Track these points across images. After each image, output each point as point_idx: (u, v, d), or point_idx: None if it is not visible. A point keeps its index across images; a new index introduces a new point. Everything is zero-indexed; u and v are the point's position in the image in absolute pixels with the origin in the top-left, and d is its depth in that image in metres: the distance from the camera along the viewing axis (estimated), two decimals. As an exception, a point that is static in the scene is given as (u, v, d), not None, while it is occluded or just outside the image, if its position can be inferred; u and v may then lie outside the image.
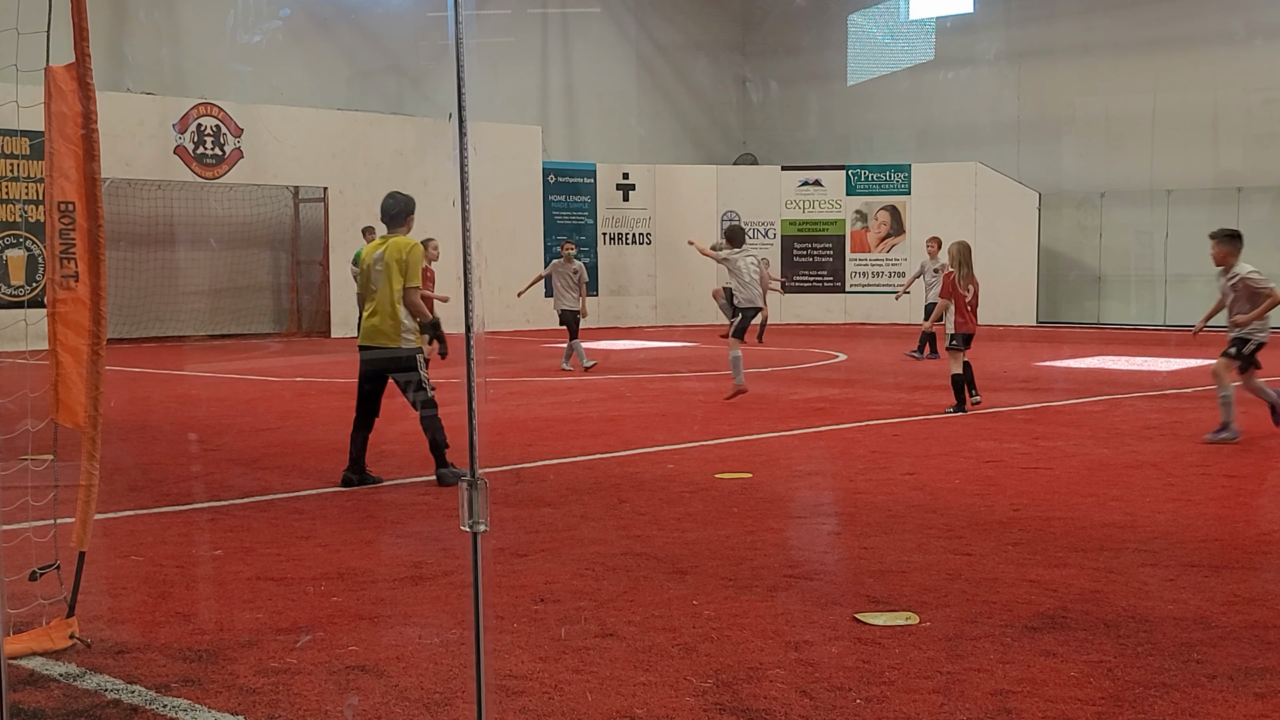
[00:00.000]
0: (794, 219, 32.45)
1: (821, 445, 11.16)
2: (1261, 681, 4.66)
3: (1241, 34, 29.31)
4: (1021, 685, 4.65)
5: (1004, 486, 8.88)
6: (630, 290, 31.92)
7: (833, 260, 32.50)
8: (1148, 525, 7.49)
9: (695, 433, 11.77)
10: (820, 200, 32.38)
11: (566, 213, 30.93)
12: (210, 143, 25.11)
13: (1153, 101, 30.38)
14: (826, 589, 6.12)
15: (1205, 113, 29.77)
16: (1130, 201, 30.94)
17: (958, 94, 33.14)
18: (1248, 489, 8.87)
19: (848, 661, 4.95)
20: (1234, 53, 29.46)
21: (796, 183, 32.44)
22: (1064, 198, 31.58)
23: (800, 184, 32.39)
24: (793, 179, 32.54)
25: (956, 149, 32.45)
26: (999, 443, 11.06)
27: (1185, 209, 30.06)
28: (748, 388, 14.29)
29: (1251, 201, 29.32)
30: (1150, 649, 5.06)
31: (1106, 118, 31.09)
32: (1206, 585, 6.07)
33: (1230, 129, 29.55)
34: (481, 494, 3.65)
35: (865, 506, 8.19)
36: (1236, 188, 29.29)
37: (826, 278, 32.54)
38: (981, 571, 6.38)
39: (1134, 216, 30.82)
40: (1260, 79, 29.00)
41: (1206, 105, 29.73)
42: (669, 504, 8.27)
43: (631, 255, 31.88)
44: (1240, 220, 29.20)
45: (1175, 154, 30.16)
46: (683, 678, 4.79)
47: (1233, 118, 29.46)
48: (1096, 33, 31.13)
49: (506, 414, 13.21)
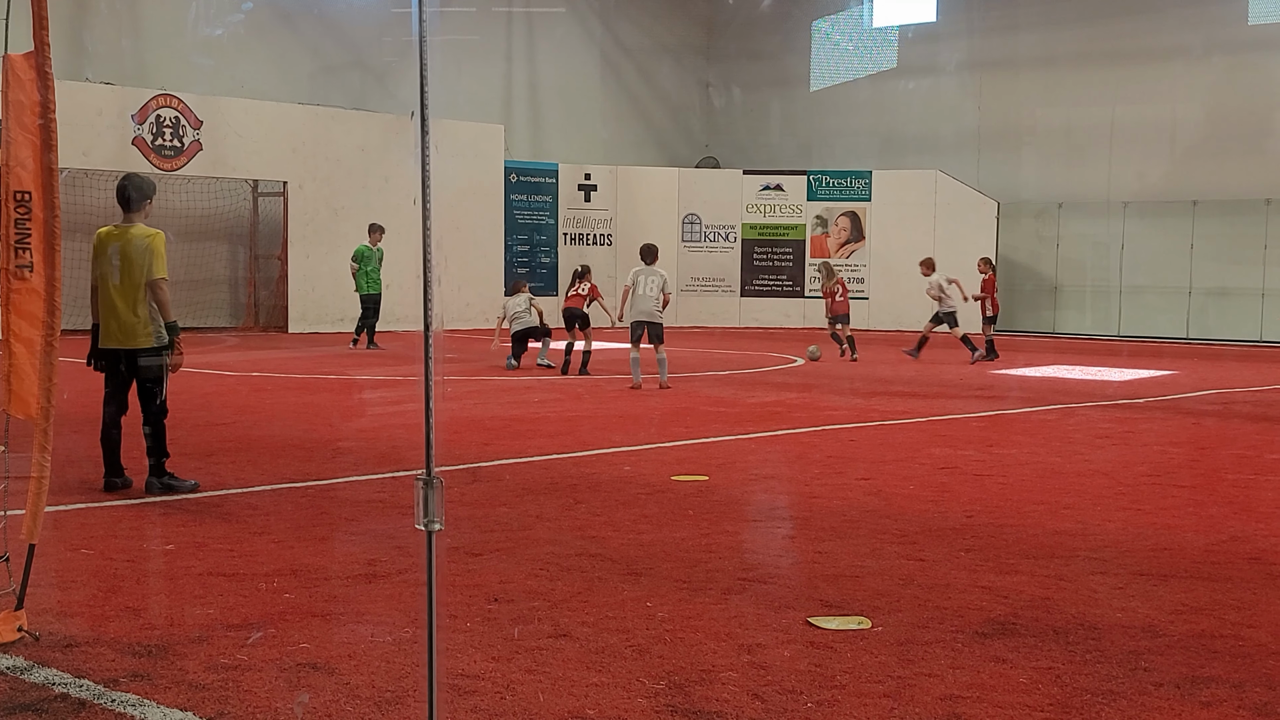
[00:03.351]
0: (755, 223, 32.53)
1: (778, 449, 11.20)
2: (1207, 690, 4.71)
3: (1199, 50, 29.63)
4: (971, 691, 4.69)
5: (958, 493, 8.93)
6: (590, 292, 31.90)
7: (792, 265, 32.60)
8: (1098, 533, 7.56)
9: (652, 434, 11.79)
10: (781, 205, 32.47)
11: (528, 212, 30.90)
12: (169, 134, 24.94)
13: (1111, 114, 30.66)
14: (780, 592, 6.14)
15: (1163, 126, 30.07)
16: (1087, 213, 31.20)
17: (919, 102, 33.34)
18: (1198, 499, 8.96)
19: (800, 665, 4.97)
20: (1191, 67, 29.78)
21: (758, 187, 32.53)
22: (1022, 207, 31.82)
23: (762, 188, 32.48)
24: (754, 183, 32.62)
25: (917, 156, 32.64)
26: (954, 450, 11.12)
27: (1141, 221, 30.36)
28: (641, 385, 15.60)
29: (1206, 215, 29.64)
30: (1098, 656, 5.10)
31: (1066, 129, 31.35)
32: (1155, 594, 6.13)
33: (1187, 143, 29.86)
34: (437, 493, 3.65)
35: (820, 511, 8.22)
36: (1192, 201, 29.59)
37: (786, 282, 32.63)
38: (934, 577, 6.42)
39: (1091, 228, 31.09)
40: (1217, 93, 29.32)
41: (1164, 119, 30.03)
42: (625, 505, 8.28)
43: (592, 256, 31.85)
44: (1195, 234, 29.55)
45: (1132, 166, 30.45)
46: (635, 679, 4.80)
47: (1189, 131, 29.77)
48: (1057, 45, 31.39)
49: (464, 412, 13.19)
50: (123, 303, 8.44)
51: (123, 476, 8.61)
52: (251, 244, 27.81)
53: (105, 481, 8.57)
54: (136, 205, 8.62)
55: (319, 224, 26.90)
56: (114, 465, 8.62)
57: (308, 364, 19.04)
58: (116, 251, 8.45)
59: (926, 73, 33.09)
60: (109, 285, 8.45)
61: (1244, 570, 6.71)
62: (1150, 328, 29.51)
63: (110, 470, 8.61)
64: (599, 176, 32.00)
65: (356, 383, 16.73)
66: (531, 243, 30.97)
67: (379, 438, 11.43)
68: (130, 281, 8.42)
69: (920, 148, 32.98)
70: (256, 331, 26.73)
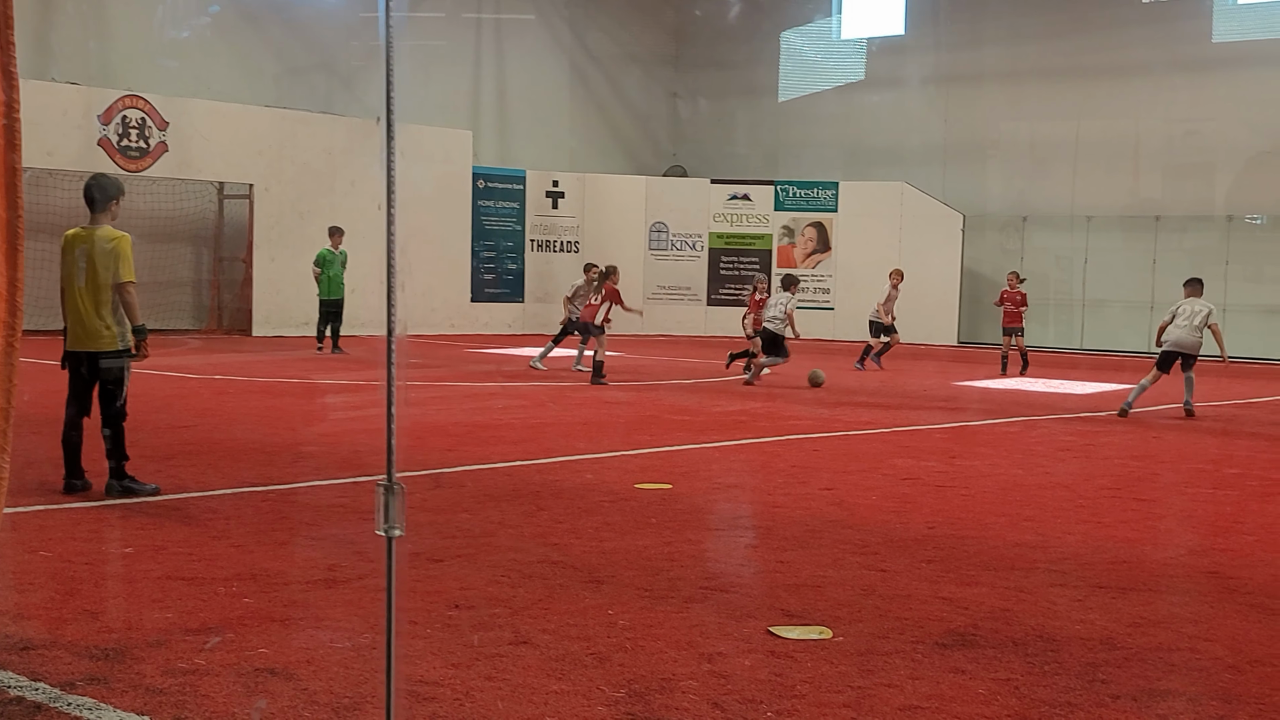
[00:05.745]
0: (722, 232, 32.59)
1: (742, 458, 11.22)
2: (1164, 703, 4.75)
3: (1163, 67, 29.88)
4: (930, 701, 4.70)
5: (920, 504, 8.97)
6: (556, 298, 31.83)
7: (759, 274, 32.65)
8: (1058, 546, 7.60)
9: (616, 442, 11.79)
10: (748, 214, 32.54)
11: (495, 218, 30.86)
12: (135, 135, 24.78)
13: (1076, 129, 30.88)
14: (742, 601, 6.15)
15: (1126, 142, 30.31)
16: (1052, 226, 31.40)
17: (886, 114, 33.47)
18: (1157, 512, 9.03)
19: (760, 674, 4.98)
20: (1156, 84, 30.03)
21: (725, 196, 32.59)
22: (987, 220, 31.99)
23: (729, 198, 32.54)
24: (722, 192, 32.69)
25: (884, 168, 32.77)
26: (916, 461, 11.17)
27: (1105, 235, 30.58)
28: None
29: (1169, 230, 29.88)
30: (1057, 668, 5.13)
31: (1031, 143, 31.55)
32: (1113, 606, 6.17)
33: (1150, 158, 30.10)
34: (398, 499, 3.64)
35: (783, 520, 8.24)
36: (1155, 216, 29.82)
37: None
38: (895, 588, 6.44)
39: (1055, 241, 31.28)
40: (1180, 110, 29.57)
41: (1128, 134, 30.27)
42: (588, 513, 8.27)
43: (559, 263, 31.86)
44: (1158, 248, 29.80)
45: (1096, 181, 30.68)
46: (595, 687, 4.79)
47: (1153, 148, 30.02)
48: (1022, 60, 31.60)
49: (428, 418, 13.15)
50: (86, 305, 8.39)
51: (82, 479, 8.55)
52: (216, 246, 27.65)
53: (65, 484, 8.51)
54: (102, 206, 8.57)
55: (284, 227, 26.77)
56: (74, 467, 8.55)
57: (271, 367, 18.94)
58: (83, 253, 8.41)
59: (894, 85, 33.24)
60: (74, 287, 8.40)
61: (1202, 584, 6.76)
62: (1113, 341, 29.71)
63: (70, 472, 8.54)
64: (567, 184, 31.99)
65: (319, 387, 16.66)
66: (498, 249, 30.91)
67: (341, 442, 11.38)
68: (94, 284, 8.37)
69: (887, 159, 33.11)
70: (220, 334, 26.58)
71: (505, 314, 30.91)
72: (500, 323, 30.61)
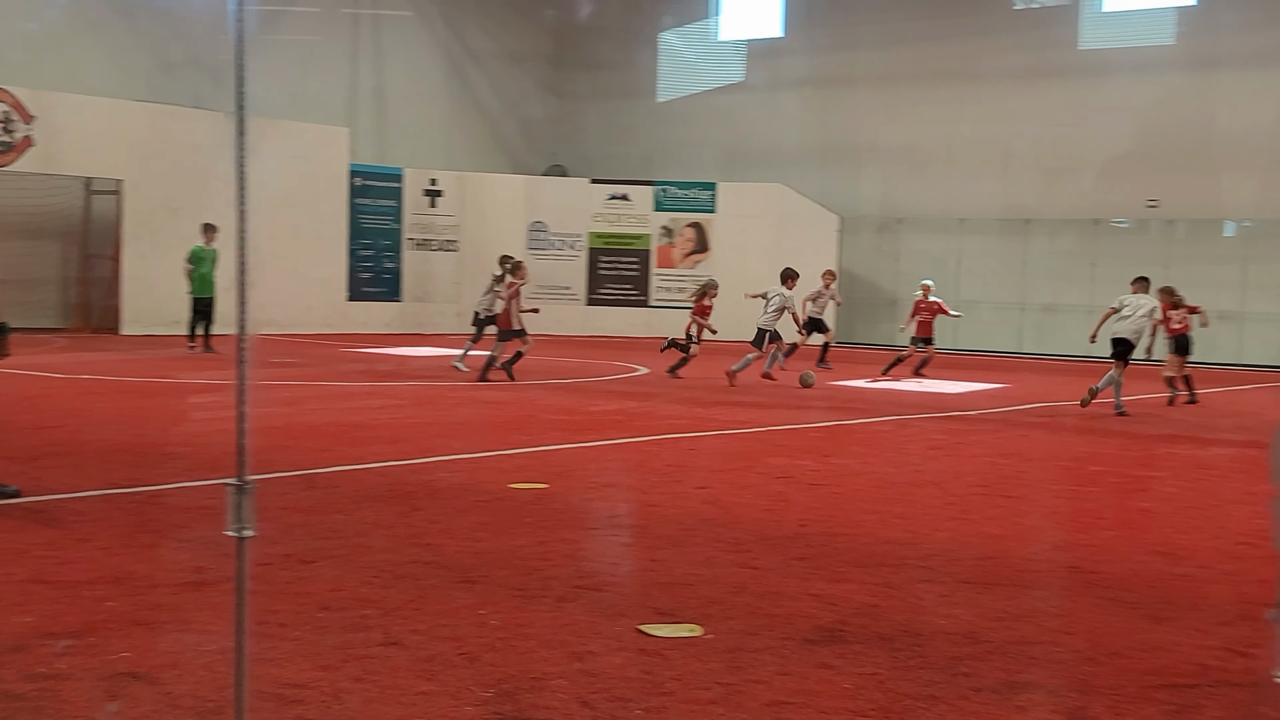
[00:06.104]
0: (601, 232, 32.63)
1: (618, 457, 11.24)
2: (1024, 695, 4.86)
3: (1033, 73, 30.55)
4: (797, 697, 4.76)
5: (793, 502, 9.06)
6: (435, 297, 31.68)
7: (638, 274, 32.76)
8: (927, 542, 7.73)
9: (493, 442, 11.74)
10: (628, 214, 32.62)
11: (372, 216, 30.56)
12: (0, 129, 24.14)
13: (950, 133, 31.43)
14: (614, 600, 6.16)
15: (998, 146, 30.92)
16: (926, 228, 31.94)
17: (765, 116, 33.76)
18: (1023, 509, 9.22)
19: (630, 672, 5.00)
20: (1026, 89, 30.68)
21: (605, 196, 32.64)
22: (863, 222, 32.43)
23: (609, 197, 32.59)
24: (601, 192, 32.72)
25: (762, 170, 33.06)
26: (791, 459, 11.28)
27: (978, 238, 31.18)
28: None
29: (1039, 233, 30.56)
30: (921, 662, 5.22)
31: (906, 146, 32.03)
32: (978, 601, 6.29)
33: (1021, 163, 30.74)
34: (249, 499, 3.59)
35: (657, 519, 8.27)
36: (1025, 219, 30.46)
37: (631, 291, 32.78)
38: (766, 585, 6.50)
39: (929, 243, 31.81)
40: (1050, 115, 30.24)
41: (999, 139, 30.89)
42: (462, 513, 8.23)
43: (437, 262, 31.66)
44: (1028, 251, 30.45)
45: (969, 184, 31.25)
46: (464, 687, 4.77)
47: (1023, 152, 30.66)
48: (898, 64, 32.09)
49: (302, 418, 12.99)
50: None
51: None
52: (83, 243, 27.03)
53: None
54: None
55: (155, 223, 26.24)
56: None
57: (140, 367, 18.57)
58: None
59: (772, 87, 33.54)
60: None
61: (1063, 578, 6.93)
62: (985, 342, 30.28)
63: None
64: (445, 182, 31.80)
65: (189, 386, 16.37)
66: (376, 248, 30.62)
67: (210, 443, 11.18)
68: None
69: (765, 161, 33.40)
70: (87, 333, 25.96)
71: (383, 313, 30.63)
72: (378, 322, 30.32)
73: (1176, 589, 6.70)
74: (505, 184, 32.82)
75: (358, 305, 30.20)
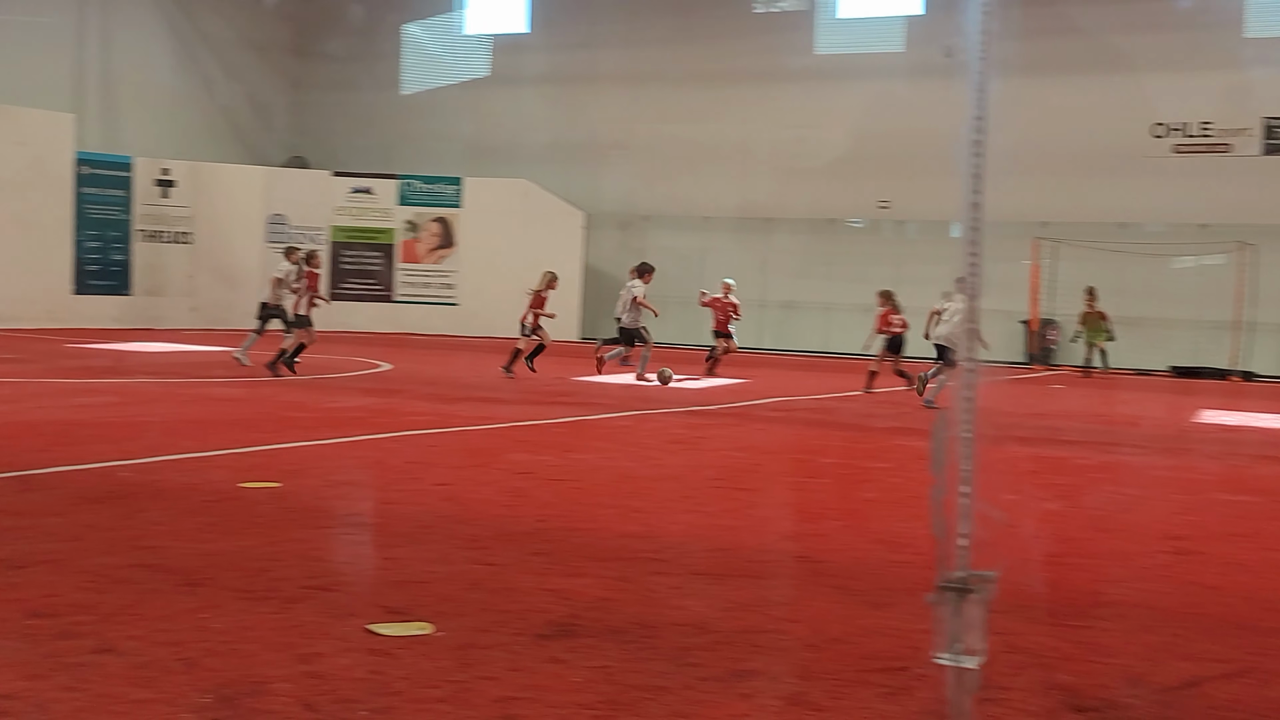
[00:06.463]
0: (344, 226, 32.10)
1: (356, 455, 11.05)
2: (747, 683, 4.95)
3: (772, 75, 31.33)
4: (526, 692, 4.74)
5: (533, 497, 9.06)
6: (167, 291, 30.61)
7: (382, 269, 32.34)
8: (663, 535, 7.83)
9: (225, 440, 11.40)
10: (371, 208, 32.16)
11: (100, 206, 29.33)
12: None
13: (692, 132, 31.98)
14: (345, 600, 6.04)
15: (739, 146, 31.61)
16: (671, 226, 32.43)
17: (510, 111, 33.74)
18: (756, 501, 9.43)
19: (357, 673, 4.90)
20: (765, 91, 31.45)
21: (348, 189, 32.10)
22: (609, 219, 32.73)
23: (351, 190, 32.07)
24: (344, 185, 32.18)
25: (508, 165, 33.03)
26: (533, 455, 11.29)
27: (721, 236, 31.81)
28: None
29: (779, 231, 31.36)
30: (651, 654, 5.27)
31: (650, 144, 32.46)
32: (709, 592, 6.39)
33: (761, 163, 31.49)
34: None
35: (394, 517, 8.16)
36: (766, 218, 31.22)
37: (375, 287, 32.33)
38: (501, 581, 6.47)
39: (674, 240, 32.31)
40: (788, 117, 31.07)
41: (740, 139, 31.58)
42: (189, 514, 7.96)
43: (170, 254, 30.59)
44: (769, 249, 31.22)
45: (712, 183, 31.87)
46: (182, 693, 4.60)
47: (763, 152, 31.42)
48: (643, 63, 32.50)
49: (19, 416, 12.38)
50: None
51: None
52: None
53: None
54: None
55: None
56: None
57: None
58: None
59: (518, 82, 33.54)
60: None
61: (791, 568, 7.10)
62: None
63: None
64: (178, 172, 30.75)
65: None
66: (104, 239, 29.41)
67: (-81, 444, 10.56)
68: None
69: (511, 156, 33.38)
70: None
71: (111, 307, 29.44)
72: (106, 316, 29.11)
73: (896, 575, 6.95)
74: (243, 175, 31.94)
75: (84, 299, 28.95)
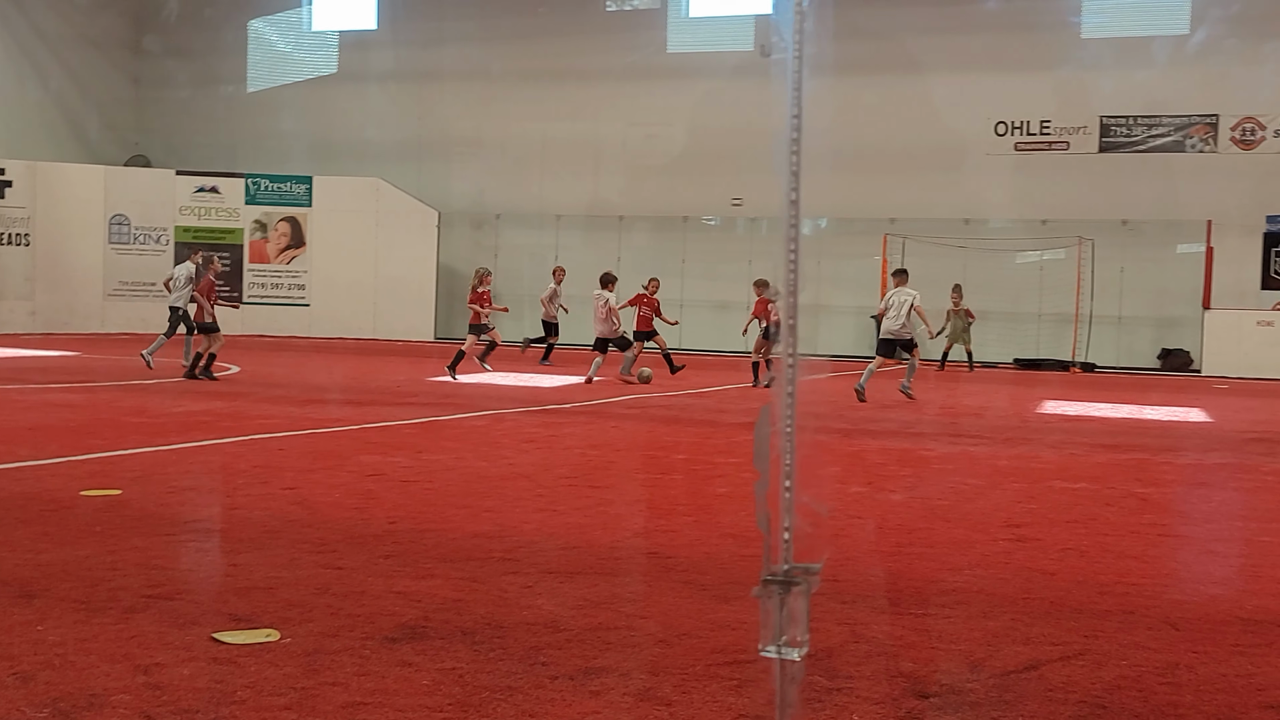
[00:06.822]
0: (189, 226, 31.41)
1: (201, 460, 10.83)
2: (598, 680, 4.96)
3: (623, 73, 31.43)
4: (374, 696, 4.70)
5: (383, 500, 8.97)
6: (5, 294, 29.66)
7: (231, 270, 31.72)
8: (515, 535, 7.80)
9: (64, 447, 11.09)
10: (218, 208, 31.53)
11: (-69, 208, 28.33)
12: None
13: (543, 130, 31.95)
14: (187, 609, 5.91)
15: (590, 144, 31.66)
16: (523, 224, 32.35)
17: (359, 109, 33.38)
18: (608, 499, 9.45)
19: (199, 683, 4.81)
20: (616, 90, 31.54)
21: (192, 188, 31.43)
22: (462, 217, 32.54)
23: (196, 190, 31.41)
24: (188, 184, 31.51)
25: (359, 163, 32.65)
26: (384, 456, 11.18)
27: (573, 233, 31.81)
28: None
29: (631, 229, 31.47)
30: (502, 654, 5.25)
31: (501, 142, 32.35)
32: (561, 590, 6.39)
33: (612, 161, 31.58)
34: None
35: (240, 522, 8.01)
36: (618, 216, 31.31)
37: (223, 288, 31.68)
38: (350, 585, 6.40)
39: (527, 238, 32.25)
40: (639, 115, 31.20)
41: (591, 137, 31.62)
42: (24, 524, 7.72)
43: (7, 257, 29.64)
44: (622, 246, 31.30)
45: (564, 181, 31.87)
46: (15, 708, 4.47)
47: (615, 150, 31.50)
48: (493, 60, 32.37)
49: None
50: None
51: None
52: None
53: None
54: None
55: None
56: None
57: None
58: None
59: (366, 79, 33.18)
60: None
61: (642, 565, 7.13)
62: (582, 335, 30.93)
63: None
64: (14, 172, 29.81)
65: None
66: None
67: None
68: None
69: (362, 154, 33.01)
70: None
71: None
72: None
73: (745, 569, 7.01)
74: (82, 174, 31.08)
75: (-86, 304, 27.95)
